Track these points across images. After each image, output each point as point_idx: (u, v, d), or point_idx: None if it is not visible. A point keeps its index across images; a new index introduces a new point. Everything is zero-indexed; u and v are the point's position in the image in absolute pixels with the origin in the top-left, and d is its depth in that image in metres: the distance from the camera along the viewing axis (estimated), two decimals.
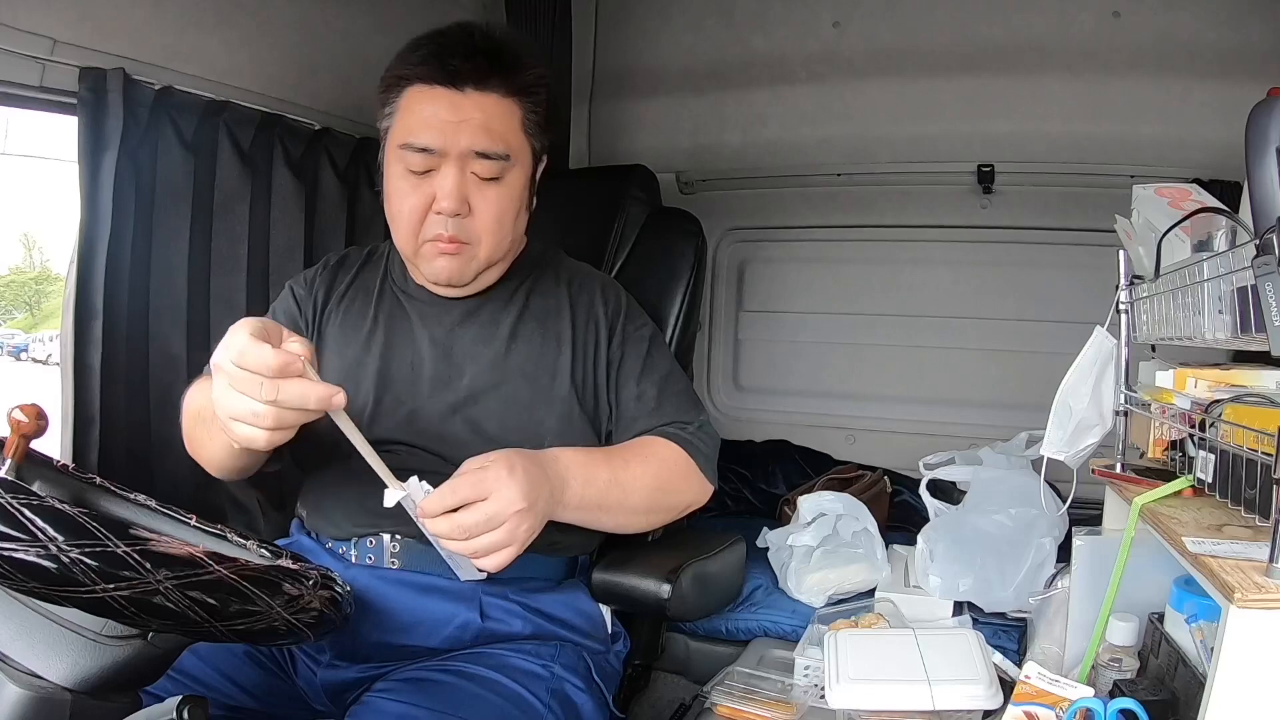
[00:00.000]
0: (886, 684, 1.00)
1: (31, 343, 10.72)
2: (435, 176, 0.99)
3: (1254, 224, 0.69)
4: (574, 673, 0.98)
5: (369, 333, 1.08)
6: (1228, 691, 0.63)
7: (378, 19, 1.59)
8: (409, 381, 1.05)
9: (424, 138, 0.97)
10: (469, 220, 1.00)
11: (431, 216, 1.00)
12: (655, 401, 1.08)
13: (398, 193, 1.00)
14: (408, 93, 0.99)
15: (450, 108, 0.98)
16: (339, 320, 1.10)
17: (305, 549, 1.04)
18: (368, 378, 1.05)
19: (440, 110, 0.97)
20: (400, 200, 1.00)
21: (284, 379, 0.74)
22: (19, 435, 0.70)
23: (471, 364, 1.05)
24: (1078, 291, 1.64)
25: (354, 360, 1.06)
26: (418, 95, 0.99)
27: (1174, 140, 1.67)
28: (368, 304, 1.11)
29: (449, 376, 1.05)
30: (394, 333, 1.08)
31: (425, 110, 0.98)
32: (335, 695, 0.97)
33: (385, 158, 1.03)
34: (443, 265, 1.02)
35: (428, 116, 0.98)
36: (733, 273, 2.22)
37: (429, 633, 0.97)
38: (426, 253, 1.02)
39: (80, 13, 1.17)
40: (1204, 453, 0.81)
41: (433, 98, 0.98)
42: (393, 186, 1.01)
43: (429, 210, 0.99)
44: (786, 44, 1.92)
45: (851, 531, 1.45)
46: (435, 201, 0.99)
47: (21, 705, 0.59)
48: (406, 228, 1.01)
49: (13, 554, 0.51)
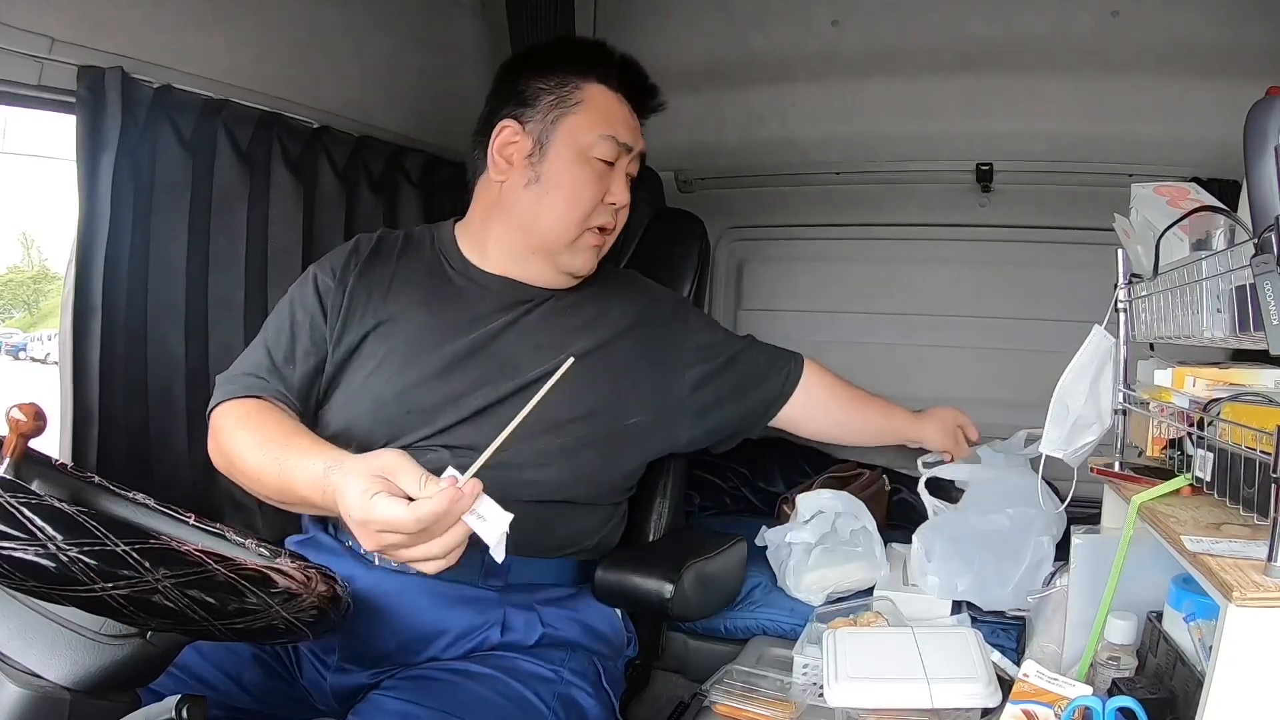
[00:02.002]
0: (885, 682, 1.00)
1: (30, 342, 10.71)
2: (615, 173, 1.10)
3: (1252, 223, 0.69)
4: (583, 678, 0.99)
5: (428, 321, 1.08)
6: (1226, 690, 0.63)
7: (377, 18, 1.59)
8: (478, 369, 1.05)
9: (624, 134, 1.10)
10: (620, 213, 1.13)
11: (601, 206, 1.09)
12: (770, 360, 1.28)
13: (581, 179, 1.08)
14: (592, 88, 1.10)
15: (629, 114, 1.14)
16: (389, 309, 1.09)
17: (324, 547, 1.03)
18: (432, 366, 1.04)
19: (627, 115, 1.13)
20: (582, 186, 1.08)
21: (441, 531, 0.77)
22: (18, 434, 0.70)
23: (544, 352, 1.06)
24: (1076, 290, 1.63)
25: (410, 350, 1.06)
26: (605, 95, 1.11)
27: (1173, 139, 1.67)
28: (418, 291, 1.11)
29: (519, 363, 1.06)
30: (459, 321, 1.08)
31: (620, 111, 1.12)
32: (343, 698, 0.96)
33: (556, 139, 1.09)
34: (589, 256, 1.12)
35: (623, 117, 1.12)
36: (732, 272, 2.22)
37: (450, 644, 0.97)
38: (583, 242, 1.10)
39: (79, 11, 1.16)
40: (1202, 451, 0.81)
41: (619, 102, 1.13)
42: (576, 173, 1.09)
43: (600, 201, 1.09)
44: (785, 43, 1.92)
45: (850, 530, 1.45)
46: (609, 194, 1.09)
47: (20, 704, 0.59)
48: (578, 213, 1.08)
49: (11, 553, 0.51)
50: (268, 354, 1.06)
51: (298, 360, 1.06)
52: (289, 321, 1.08)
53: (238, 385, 1.04)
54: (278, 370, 1.05)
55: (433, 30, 1.08)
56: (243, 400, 1.02)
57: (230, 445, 0.99)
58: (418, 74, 1.72)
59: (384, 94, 1.63)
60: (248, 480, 0.98)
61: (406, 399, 1.02)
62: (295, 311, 1.09)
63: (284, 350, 1.06)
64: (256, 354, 1.07)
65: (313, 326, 1.08)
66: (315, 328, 1.08)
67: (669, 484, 1.32)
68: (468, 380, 1.03)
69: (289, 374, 1.05)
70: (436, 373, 1.04)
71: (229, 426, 1.01)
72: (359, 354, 1.07)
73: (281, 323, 1.09)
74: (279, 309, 1.12)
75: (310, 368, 1.07)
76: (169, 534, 0.64)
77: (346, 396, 1.05)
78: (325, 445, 0.92)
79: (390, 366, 1.04)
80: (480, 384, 1.03)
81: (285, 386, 1.04)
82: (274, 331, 1.09)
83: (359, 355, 1.07)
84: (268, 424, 0.98)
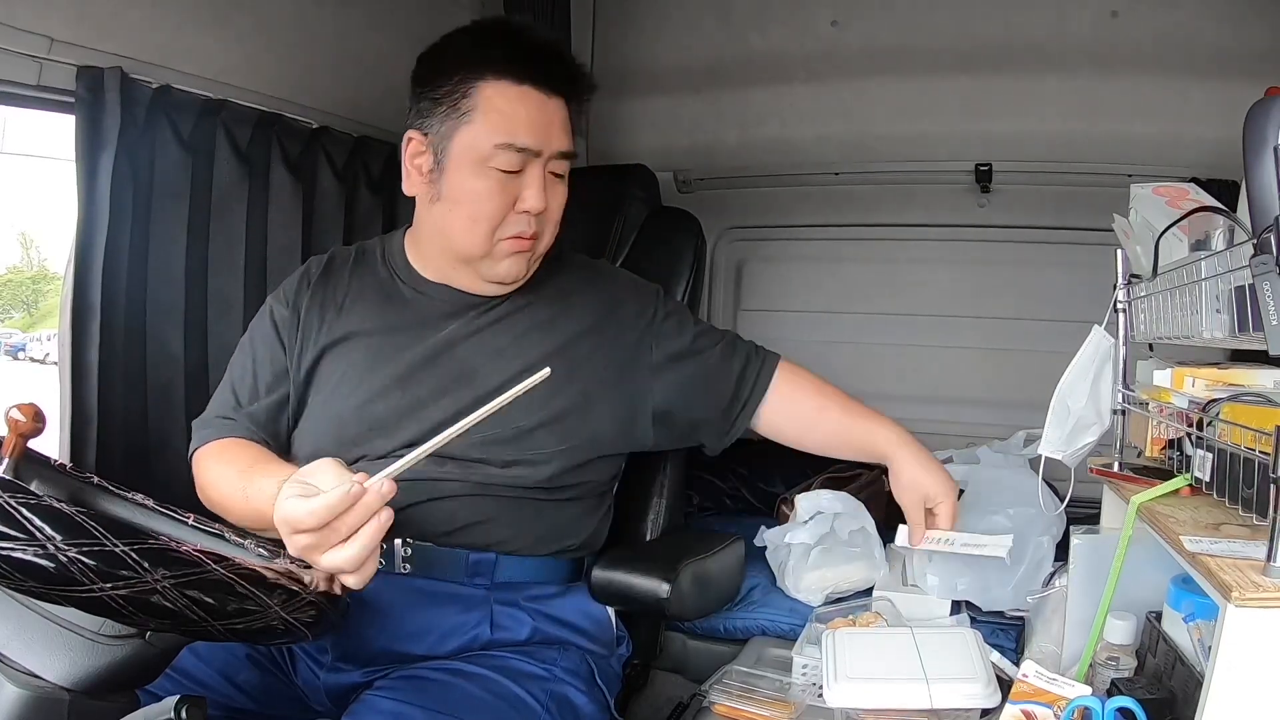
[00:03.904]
0: (884, 683, 1.00)
1: (29, 342, 10.68)
2: (523, 179, 0.99)
3: (1252, 223, 0.69)
4: (576, 675, 0.98)
5: (381, 336, 1.07)
6: (1225, 690, 0.63)
7: (376, 18, 1.59)
8: (432, 382, 1.04)
9: (525, 138, 0.98)
10: (541, 214, 1.02)
11: (512, 215, 1.00)
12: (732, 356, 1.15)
13: (483, 193, 0.99)
14: (488, 86, 0.98)
15: (540, 109, 0.99)
16: (342, 329, 1.08)
17: None
18: (387, 381, 1.04)
19: (532, 111, 0.99)
20: (484, 201, 0.99)
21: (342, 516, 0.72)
22: (17, 434, 0.70)
23: (499, 360, 1.04)
24: (1075, 290, 1.63)
25: (366, 366, 1.05)
26: (504, 93, 0.98)
27: (1172, 139, 1.67)
28: (370, 307, 1.09)
29: (475, 373, 1.04)
30: (411, 334, 1.06)
31: (519, 110, 0.98)
32: (337, 697, 0.97)
33: (452, 152, 1.00)
34: (512, 264, 1.03)
35: (523, 117, 0.98)
36: (731, 272, 2.22)
37: (438, 641, 0.97)
38: (499, 251, 1.02)
39: (78, 11, 1.16)
40: (1202, 452, 0.81)
41: (522, 97, 0.99)
42: (475, 187, 0.99)
43: (510, 211, 1.00)
44: (785, 43, 1.92)
45: (849, 530, 1.45)
46: (520, 201, 0.99)
47: (20, 705, 0.59)
48: (484, 228, 1.00)
49: (10, 553, 0.51)
50: (233, 394, 1.08)
51: (261, 395, 1.07)
52: (250, 359, 1.09)
53: (211, 429, 1.06)
54: (243, 408, 1.07)
55: (432, 30, 1.08)
56: (221, 443, 1.04)
57: (208, 484, 1.02)
58: None
59: (383, 94, 1.62)
60: (226, 513, 0.98)
61: (366, 414, 1.02)
62: (256, 348, 1.10)
63: (248, 388, 1.08)
64: (224, 395, 1.09)
65: (273, 360, 1.08)
66: (275, 360, 1.08)
67: (666, 484, 1.31)
68: (425, 391, 1.03)
69: (255, 410, 1.07)
70: (394, 385, 1.03)
71: (206, 467, 1.03)
72: (317, 375, 1.07)
73: (244, 361, 1.10)
74: (241, 346, 1.12)
75: (276, 400, 1.07)
76: (168, 534, 0.64)
77: (310, 420, 1.06)
78: (286, 466, 0.93)
79: (347, 384, 1.04)
80: (439, 394, 1.02)
81: (253, 423, 1.06)
82: (239, 371, 1.10)
83: (318, 377, 1.07)
84: (239, 457, 1.00)
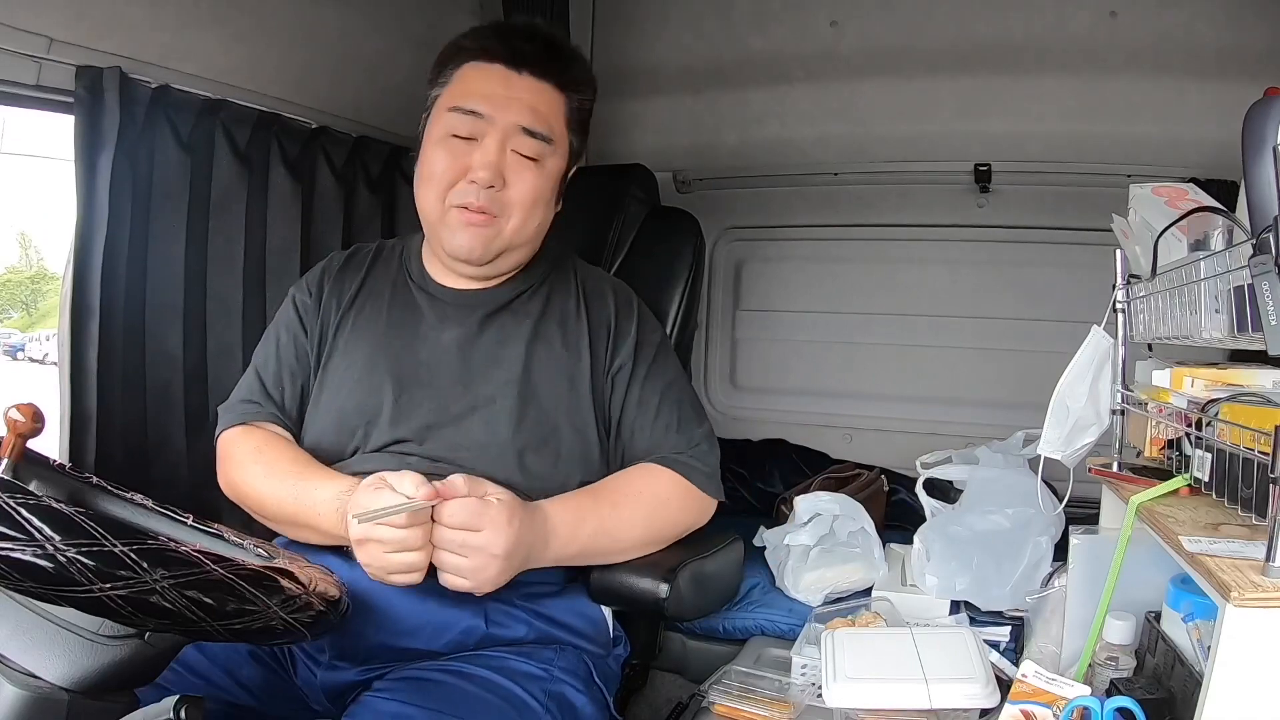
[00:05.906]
0: (884, 683, 1.00)
1: (28, 342, 10.67)
2: (476, 148, 1.00)
3: (1250, 223, 0.69)
4: (574, 675, 0.98)
5: (385, 333, 1.07)
6: (1224, 690, 0.63)
7: (375, 18, 1.59)
8: (427, 383, 1.04)
9: (473, 103, 1.00)
10: (502, 193, 1.01)
11: (463, 184, 1.00)
12: (656, 411, 1.08)
13: (434, 155, 1.02)
14: (465, 66, 1.03)
15: (504, 83, 1.01)
16: (352, 323, 1.09)
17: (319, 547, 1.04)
18: (385, 379, 1.04)
19: (494, 84, 1.01)
20: (434, 162, 1.02)
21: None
22: (16, 435, 0.70)
23: (493, 367, 1.05)
24: (1075, 291, 1.64)
25: (368, 363, 1.06)
26: (474, 69, 1.03)
27: (1171, 139, 1.68)
28: (381, 304, 1.10)
29: (469, 378, 1.04)
30: (411, 333, 1.07)
31: (479, 82, 1.02)
32: (335, 696, 0.97)
33: (428, 124, 1.04)
34: (466, 237, 1.02)
35: (481, 86, 1.01)
36: (730, 272, 2.22)
37: (432, 637, 0.97)
38: (452, 221, 1.02)
39: (77, 11, 1.16)
40: (1201, 452, 0.81)
41: (489, 73, 1.02)
42: (429, 150, 1.03)
43: (462, 178, 1.00)
44: (784, 43, 1.92)
45: (848, 531, 1.45)
46: (470, 171, 1.00)
47: (19, 705, 0.59)
48: (435, 190, 1.02)
49: (9, 553, 0.51)
50: (259, 379, 1.09)
51: (284, 379, 1.09)
52: (275, 344, 1.11)
53: (236, 413, 1.07)
54: (269, 394, 1.08)
55: (431, 30, 1.08)
56: (249, 429, 1.06)
57: (241, 476, 1.03)
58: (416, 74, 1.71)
59: (382, 94, 1.62)
60: (258, 508, 1.01)
61: (365, 409, 1.04)
62: (280, 334, 1.11)
63: (273, 373, 1.09)
64: (250, 380, 1.10)
65: (296, 345, 1.10)
66: (299, 345, 1.10)
67: None
68: (421, 392, 1.04)
69: (280, 396, 1.08)
70: (391, 383, 1.04)
71: (238, 458, 1.04)
72: (328, 369, 1.08)
73: (269, 347, 1.11)
74: (267, 334, 1.14)
75: (299, 386, 1.09)
76: (167, 534, 0.64)
77: (315, 411, 1.08)
78: (338, 474, 0.97)
79: (350, 380, 1.06)
80: (433, 396, 1.03)
81: (278, 409, 1.07)
82: (263, 357, 1.11)
83: (327, 370, 1.08)
84: (282, 456, 1.01)
